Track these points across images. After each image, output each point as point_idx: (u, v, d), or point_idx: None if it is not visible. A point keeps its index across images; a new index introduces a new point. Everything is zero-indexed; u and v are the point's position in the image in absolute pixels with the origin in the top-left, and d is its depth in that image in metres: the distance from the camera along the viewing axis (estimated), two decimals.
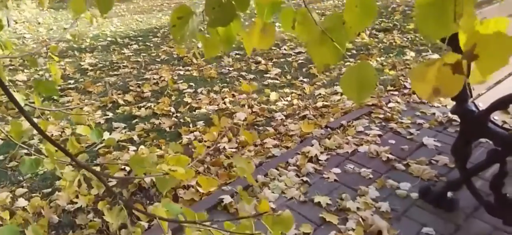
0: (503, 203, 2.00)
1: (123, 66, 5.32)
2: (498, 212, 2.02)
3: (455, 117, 3.05)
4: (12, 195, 2.63)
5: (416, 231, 2.11)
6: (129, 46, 6.37)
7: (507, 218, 2.01)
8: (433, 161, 2.64)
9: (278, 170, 2.65)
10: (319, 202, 2.33)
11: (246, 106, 3.71)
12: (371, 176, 2.54)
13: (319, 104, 3.64)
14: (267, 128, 3.28)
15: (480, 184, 2.29)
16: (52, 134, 3.41)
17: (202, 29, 1.01)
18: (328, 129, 3.10)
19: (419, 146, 2.81)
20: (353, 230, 2.10)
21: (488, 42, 0.66)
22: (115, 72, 5.10)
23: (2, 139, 3.39)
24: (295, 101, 3.75)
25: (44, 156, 1.34)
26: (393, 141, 2.88)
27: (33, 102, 1.82)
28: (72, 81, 4.83)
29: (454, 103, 2.10)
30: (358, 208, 2.27)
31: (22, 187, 2.72)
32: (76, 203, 2.48)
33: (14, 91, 1.39)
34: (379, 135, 2.97)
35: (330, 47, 0.80)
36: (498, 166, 1.99)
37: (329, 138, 2.96)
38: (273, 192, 2.44)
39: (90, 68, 5.33)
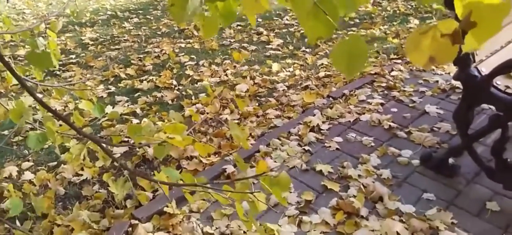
0: (504, 168, 2.01)
1: (124, 40, 5.29)
2: (498, 177, 2.04)
3: (458, 84, 3.03)
4: (19, 169, 2.67)
5: (417, 197, 2.13)
6: (129, 20, 6.31)
7: (507, 183, 2.02)
8: (435, 128, 2.64)
9: (280, 140, 2.66)
10: (320, 170, 2.35)
11: (248, 78, 3.70)
12: (372, 144, 2.55)
13: (321, 74, 3.62)
14: (269, 99, 3.28)
15: (481, 150, 2.30)
16: (56, 109, 3.43)
17: (202, 8, 1.00)
18: (330, 98, 3.10)
19: (421, 114, 2.81)
20: (355, 197, 2.13)
21: (482, 9, 0.65)
22: (116, 46, 5.07)
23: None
24: (297, 72, 3.73)
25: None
26: (395, 109, 2.88)
27: (35, 78, 1.83)
28: (73, 56, 4.81)
29: (456, 68, 2.08)
30: (359, 176, 2.29)
31: (28, 161, 2.76)
32: (82, 175, 2.52)
33: (15, 66, 1.39)
34: (381, 104, 2.97)
35: (322, 19, 0.79)
36: (500, 131, 1.99)
37: (331, 108, 2.95)
38: (275, 162, 2.46)
39: (90, 42, 5.30)
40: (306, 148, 2.56)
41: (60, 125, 2.13)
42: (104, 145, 1.35)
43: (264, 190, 1.01)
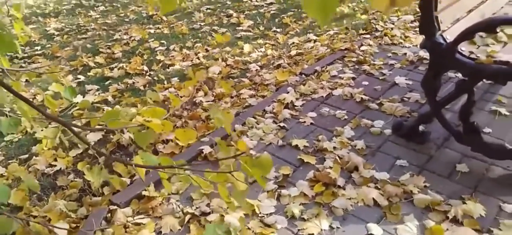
0: (471, 131, 2.10)
1: (91, 28, 5.14)
2: (466, 140, 2.13)
3: (425, 55, 3.12)
4: None
5: (390, 164, 2.20)
6: (95, 8, 6.13)
7: (475, 145, 2.12)
8: (405, 99, 2.72)
9: (255, 118, 2.68)
10: (296, 145, 2.38)
11: (220, 60, 3.68)
12: (346, 117, 2.61)
13: (293, 52, 3.64)
14: (242, 79, 3.28)
15: (449, 116, 2.38)
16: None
17: None
18: (303, 76, 3.13)
19: (392, 86, 2.89)
20: (331, 168, 2.17)
21: None
22: (83, 36, 4.93)
23: None
24: (269, 51, 3.75)
25: (21, 116, 1.31)
26: (367, 83, 2.94)
27: None
28: (38, 48, 4.65)
29: (423, 38, 2.14)
30: (334, 148, 2.34)
31: None
32: (55, 166, 2.46)
33: None
34: (353, 78, 3.02)
35: None
36: (466, 96, 2.07)
37: (304, 85, 2.99)
38: (251, 140, 2.48)
39: (56, 33, 5.13)
40: (281, 124, 2.59)
41: (30, 110, 2.06)
42: (75, 129, 1.32)
43: (244, 171, 1.00)
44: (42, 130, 2.70)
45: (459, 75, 2.16)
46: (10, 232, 1.18)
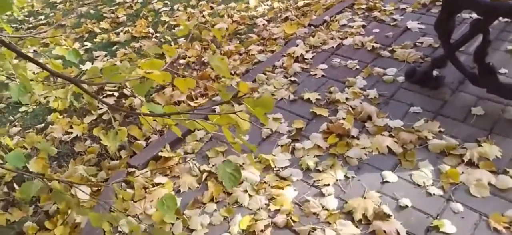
0: (487, 72, 2.05)
1: None
2: (482, 81, 2.09)
3: None
4: (7, 135, 2.62)
5: (404, 112, 2.18)
6: None
7: (490, 87, 2.08)
8: (418, 44, 2.66)
9: (265, 74, 2.66)
10: (308, 98, 2.37)
11: (226, 16, 3.61)
12: (357, 66, 2.57)
13: (300, 3, 3.55)
14: (250, 35, 3.23)
15: (464, 58, 2.33)
16: (33, 71, 3.33)
17: None
18: (312, 27, 3.07)
19: (404, 31, 2.82)
20: (344, 119, 2.17)
21: None
22: (86, 1, 4.85)
23: None
24: (275, 4, 3.66)
25: (31, 80, 1.31)
26: (377, 30, 2.87)
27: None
28: (42, 17, 4.60)
29: None
30: (347, 99, 2.32)
31: (15, 126, 2.71)
32: (71, 133, 2.50)
33: None
34: (363, 26, 2.95)
35: None
36: (481, 36, 2.02)
37: (313, 36, 2.93)
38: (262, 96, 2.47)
39: (58, 1, 5.06)
40: (292, 78, 2.57)
41: (34, 73, 2.06)
42: (84, 86, 1.32)
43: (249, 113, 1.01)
44: (55, 99, 2.72)
45: (474, 15, 2.09)
46: (33, 194, 1.22)
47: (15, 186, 2.18)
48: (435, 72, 2.30)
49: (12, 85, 1.17)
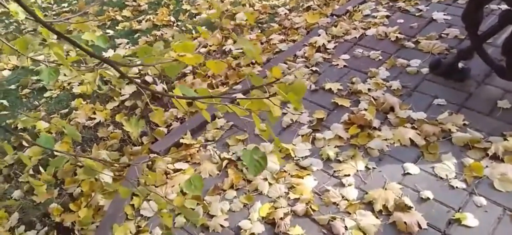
0: None
1: None
2: (510, 74, 2.03)
3: None
4: (32, 119, 2.69)
5: (427, 104, 2.15)
6: None
7: None
8: (443, 35, 2.60)
9: (286, 63, 2.65)
10: (330, 89, 2.35)
11: (248, 5, 3.60)
12: (380, 57, 2.53)
13: None
14: (271, 24, 3.22)
15: (491, 51, 2.27)
16: (55, 60, 3.41)
17: None
18: (334, 16, 3.03)
19: (429, 22, 2.76)
20: (366, 110, 2.15)
21: None
22: None
23: (10, 69, 3.40)
24: None
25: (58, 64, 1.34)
26: (402, 20, 2.82)
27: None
28: (65, 5, 4.68)
29: None
30: (369, 90, 2.30)
31: (40, 111, 2.78)
32: (95, 118, 2.55)
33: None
34: (387, 16, 2.90)
35: None
36: (511, 28, 1.96)
37: (335, 26, 2.90)
38: None
39: None
40: (314, 68, 2.55)
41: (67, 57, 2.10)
42: (114, 63, 1.33)
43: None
44: (79, 84, 2.78)
45: (503, 6, 2.03)
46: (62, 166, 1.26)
47: (41, 169, 2.24)
48: (460, 64, 2.25)
49: (43, 69, 1.20)
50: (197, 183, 1.04)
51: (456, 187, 1.73)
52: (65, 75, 2.77)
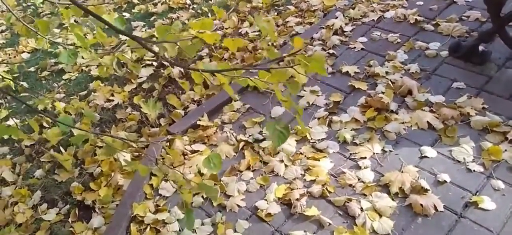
0: None
1: None
2: None
3: None
4: (52, 102, 2.75)
5: (446, 87, 2.12)
6: None
7: None
8: (464, 18, 2.55)
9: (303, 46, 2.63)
10: (347, 72, 2.34)
11: None
12: (398, 40, 2.50)
13: None
14: (288, 7, 3.19)
15: None
16: (73, 42, 3.45)
17: None
18: None
19: (449, 4, 2.70)
20: (383, 93, 2.13)
21: None
22: None
23: (29, 52, 3.46)
24: None
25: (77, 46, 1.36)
26: (421, 3, 2.77)
27: None
28: None
29: None
30: (387, 72, 2.28)
31: (59, 93, 2.84)
32: (113, 100, 2.59)
33: None
34: None
35: None
36: None
37: (353, 8, 2.87)
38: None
39: None
40: (331, 51, 2.54)
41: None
42: (138, 38, 1.34)
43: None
44: (97, 67, 2.81)
45: None
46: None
47: (61, 149, 2.29)
48: (481, 47, 2.20)
49: (63, 52, 1.23)
50: (216, 160, 1.06)
51: (474, 170, 1.72)
52: (82, 57, 2.82)
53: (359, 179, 1.78)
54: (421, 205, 1.61)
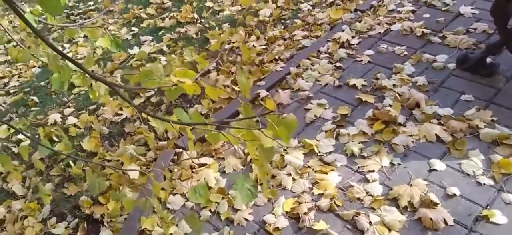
0: None
1: None
2: None
3: None
4: (62, 115, 2.79)
5: (454, 100, 2.11)
6: None
7: None
8: (471, 30, 2.55)
9: (310, 59, 2.65)
10: (354, 85, 2.34)
11: (271, 2, 3.60)
12: (405, 53, 2.50)
13: None
14: (295, 20, 3.22)
15: None
16: (84, 55, 3.50)
17: None
18: (358, 12, 3.01)
19: (456, 16, 2.70)
20: (390, 105, 2.13)
21: None
22: None
23: (39, 67, 3.52)
24: None
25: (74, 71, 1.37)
26: (428, 15, 2.77)
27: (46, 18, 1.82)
28: (91, 3, 4.79)
29: None
30: (394, 85, 2.27)
31: (69, 107, 2.87)
32: (121, 114, 2.61)
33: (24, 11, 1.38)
34: (412, 11, 2.86)
35: None
36: None
37: (359, 21, 2.88)
38: (307, 81, 2.47)
39: None
40: (338, 64, 2.54)
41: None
42: (111, 83, 1.36)
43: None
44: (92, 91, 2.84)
45: None
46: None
47: (71, 163, 2.32)
48: (489, 59, 2.20)
49: (54, 77, 1.24)
50: (203, 192, 1.07)
51: (484, 183, 1.70)
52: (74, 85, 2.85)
53: (367, 193, 1.77)
54: (431, 219, 1.60)
